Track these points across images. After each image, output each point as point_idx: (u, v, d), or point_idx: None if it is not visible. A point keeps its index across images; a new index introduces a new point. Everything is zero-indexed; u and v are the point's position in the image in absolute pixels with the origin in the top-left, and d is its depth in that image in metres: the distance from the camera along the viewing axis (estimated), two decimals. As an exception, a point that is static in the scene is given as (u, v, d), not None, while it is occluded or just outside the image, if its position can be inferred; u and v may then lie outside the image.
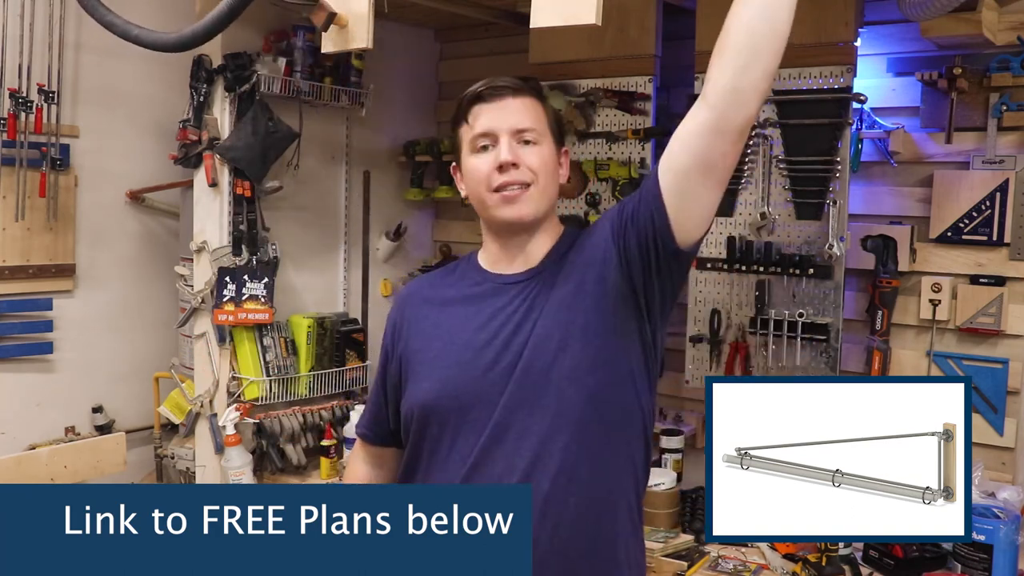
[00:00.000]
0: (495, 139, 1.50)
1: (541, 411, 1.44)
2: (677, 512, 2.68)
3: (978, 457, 2.53)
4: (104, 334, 3.43)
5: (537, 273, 1.54)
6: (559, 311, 1.48)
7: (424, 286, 1.68)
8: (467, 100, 1.55)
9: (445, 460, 1.50)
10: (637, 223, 1.44)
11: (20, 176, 3.12)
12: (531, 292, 1.52)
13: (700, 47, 2.78)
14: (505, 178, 1.49)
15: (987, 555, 2.18)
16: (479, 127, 1.52)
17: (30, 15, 3.12)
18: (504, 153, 1.48)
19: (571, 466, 1.44)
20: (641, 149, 2.94)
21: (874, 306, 2.67)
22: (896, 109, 2.71)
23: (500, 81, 1.54)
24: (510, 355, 1.47)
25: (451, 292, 1.61)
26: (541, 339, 1.46)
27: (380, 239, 3.57)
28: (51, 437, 3.26)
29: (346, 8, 2.22)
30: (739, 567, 2.39)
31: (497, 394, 1.46)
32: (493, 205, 1.51)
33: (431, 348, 1.56)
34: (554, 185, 1.56)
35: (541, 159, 1.51)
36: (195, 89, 2.92)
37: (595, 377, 1.45)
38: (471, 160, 1.53)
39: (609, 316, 1.46)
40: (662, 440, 2.89)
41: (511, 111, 1.52)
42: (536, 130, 1.52)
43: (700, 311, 2.86)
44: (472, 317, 1.54)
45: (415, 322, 1.61)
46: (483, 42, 3.61)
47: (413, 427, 1.55)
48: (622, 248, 1.46)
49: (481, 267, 1.61)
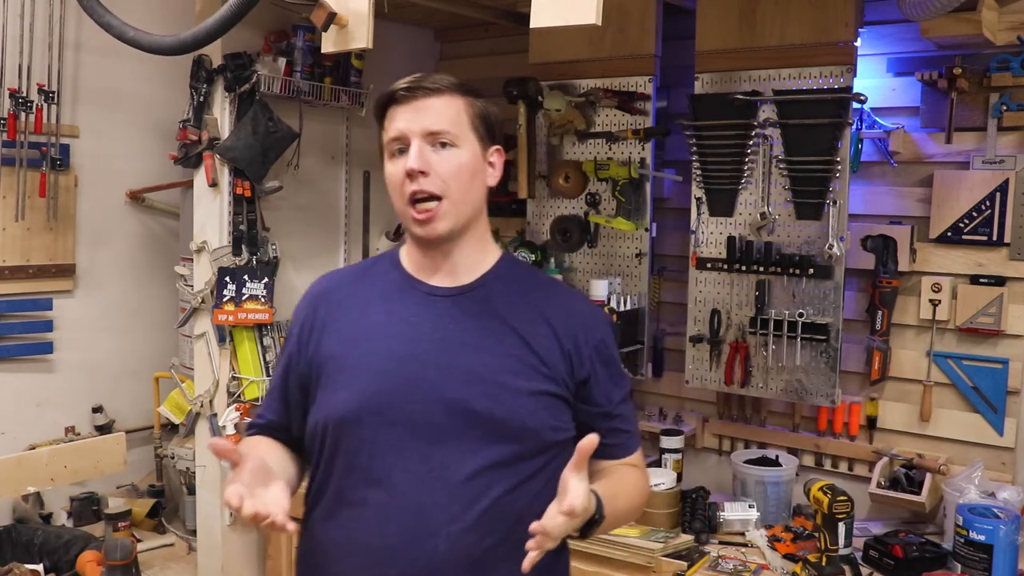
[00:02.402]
0: (407, 143, 1.41)
1: (469, 438, 1.38)
2: (677, 512, 2.67)
3: (978, 457, 2.53)
4: (104, 334, 3.43)
5: (469, 290, 1.46)
6: (498, 348, 1.42)
7: (339, 284, 1.55)
8: (382, 101, 1.45)
9: (361, 481, 1.40)
10: (580, 398, 1.47)
11: (20, 176, 3.12)
12: (462, 311, 1.44)
13: (700, 47, 2.78)
14: (415, 187, 1.39)
15: (987, 555, 2.18)
16: (392, 130, 1.42)
17: (30, 15, 3.12)
18: (412, 160, 1.38)
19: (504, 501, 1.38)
20: (641, 149, 2.94)
21: (874, 306, 2.67)
22: (896, 109, 2.70)
23: (417, 80, 1.44)
24: (438, 375, 1.38)
25: (370, 294, 1.50)
26: (475, 371, 1.39)
27: (380, 239, 3.56)
28: (51, 437, 3.26)
29: (346, 8, 2.22)
30: (739, 567, 2.39)
31: (423, 415, 1.37)
32: (408, 220, 1.43)
33: (349, 355, 1.44)
34: (475, 190, 1.45)
35: (456, 165, 1.41)
36: (195, 89, 2.92)
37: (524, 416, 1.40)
38: (387, 166, 1.44)
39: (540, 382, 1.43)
40: (662, 440, 2.89)
41: (425, 112, 1.41)
42: (452, 132, 1.41)
43: (700, 311, 2.86)
44: (395, 325, 1.44)
45: (330, 324, 1.48)
46: (483, 42, 3.61)
47: (327, 440, 1.43)
48: (572, 386, 1.46)
49: (404, 269, 1.51)
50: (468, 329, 1.43)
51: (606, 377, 1.50)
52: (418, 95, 1.42)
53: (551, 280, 1.61)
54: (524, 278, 1.53)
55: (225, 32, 2.40)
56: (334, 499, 1.43)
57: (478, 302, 1.46)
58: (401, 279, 1.49)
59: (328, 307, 1.50)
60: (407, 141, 1.40)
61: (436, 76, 1.45)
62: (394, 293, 1.48)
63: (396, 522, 1.36)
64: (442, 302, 1.45)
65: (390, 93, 1.44)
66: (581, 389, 1.47)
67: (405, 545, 1.35)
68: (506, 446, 1.39)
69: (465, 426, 1.38)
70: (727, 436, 3.04)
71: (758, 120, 2.68)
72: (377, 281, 1.51)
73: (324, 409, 1.44)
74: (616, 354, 1.55)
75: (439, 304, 1.45)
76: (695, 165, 2.81)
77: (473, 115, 1.45)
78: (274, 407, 1.55)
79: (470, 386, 1.39)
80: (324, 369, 1.45)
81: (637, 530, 2.58)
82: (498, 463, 1.38)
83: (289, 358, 1.52)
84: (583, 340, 1.47)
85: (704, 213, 2.82)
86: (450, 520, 1.35)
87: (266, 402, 1.59)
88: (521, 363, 1.42)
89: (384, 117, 1.45)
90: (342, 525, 1.42)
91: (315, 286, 1.58)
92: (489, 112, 1.48)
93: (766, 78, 2.68)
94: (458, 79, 1.47)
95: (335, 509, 1.43)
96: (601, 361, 1.49)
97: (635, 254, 2.98)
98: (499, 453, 1.38)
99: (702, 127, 2.76)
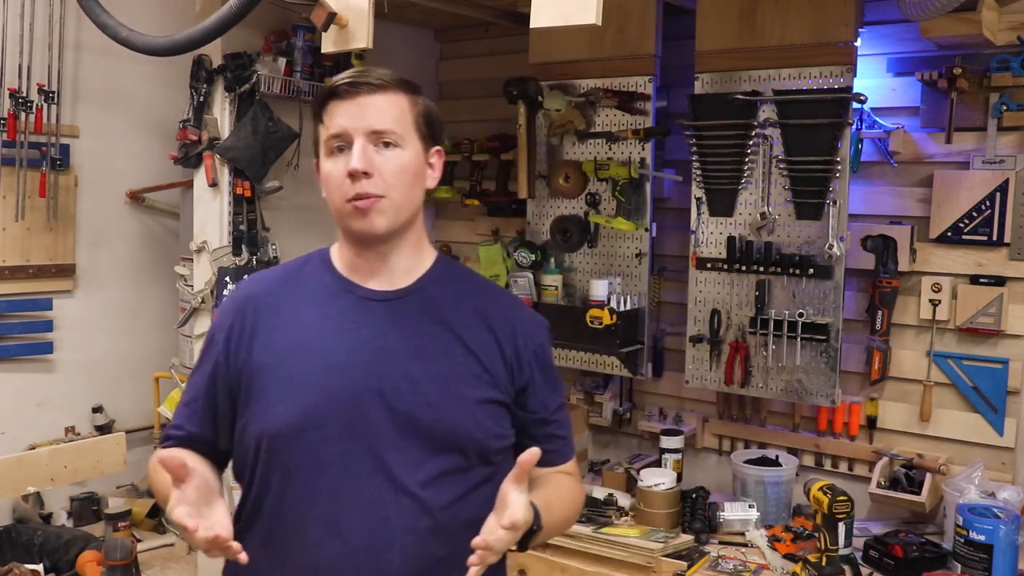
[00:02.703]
0: (349, 141, 1.33)
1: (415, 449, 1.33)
2: (677, 512, 2.68)
3: (978, 457, 2.53)
4: (104, 334, 3.43)
5: (407, 294, 1.41)
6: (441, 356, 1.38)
7: (268, 288, 1.45)
8: (322, 95, 1.37)
9: (305, 497, 1.33)
10: (519, 404, 1.45)
11: (20, 176, 3.12)
12: (401, 316, 1.39)
13: (700, 47, 2.78)
14: (357, 189, 1.32)
15: (987, 555, 2.19)
16: (333, 127, 1.34)
17: (30, 15, 3.12)
18: (355, 160, 1.32)
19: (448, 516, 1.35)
20: (641, 149, 2.93)
21: (874, 306, 2.67)
22: (896, 109, 2.71)
23: (361, 75, 1.36)
24: (380, 385, 1.32)
25: (302, 298, 1.41)
26: (419, 380, 1.35)
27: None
28: (51, 437, 3.26)
29: (346, 8, 2.22)
30: (739, 567, 2.39)
31: (368, 427, 1.31)
32: (347, 216, 1.36)
33: (283, 365, 1.35)
34: (416, 192, 1.39)
35: (400, 166, 1.35)
36: (195, 89, 2.92)
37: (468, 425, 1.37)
38: (325, 164, 1.37)
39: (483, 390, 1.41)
40: (662, 440, 2.89)
41: (368, 110, 1.34)
42: (396, 132, 1.35)
43: (700, 311, 2.86)
44: (332, 333, 1.36)
45: (260, 331, 1.39)
46: (483, 42, 3.61)
47: (261, 455, 1.35)
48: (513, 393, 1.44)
49: (336, 271, 1.43)
50: (409, 336, 1.38)
51: (543, 383, 1.47)
52: (361, 91, 1.34)
53: (488, 283, 1.57)
54: (462, 280, 1.49)
55: (220, 35, 2.41)
56: (273, 518, 1.36)
57: (417, 307, 1.41)
58: (334, 282, 1.42)
59: (257, 313, 1.41)
60: (349, 139, 1.34)
61: (380, 71, 1.37)
62: (328, 297, 1.40)
63: (347, 539, 1.31)
64: (380, 307, 1.39)
65: (331, 87, 1.36)
66: (520, 395, 1.44)
67: (358, 563, 1.31)
68: (453, 456, 1.35)
69: (411, 437, 1.33)
70: (727, 436, 3.04)
71: (758, 120, 2.68)
72: (309, 284, 1.43)
73: (259, 423, 1.35)
74: (552, 360, 1.53)
75: (377, 309, 1.39)
76: (695, 165, 2.81)
77: (417, 114, 1.39)
78: (196, 418, 1.44)
79: (414, 396, 1.34)
80: (255, 380, 1.36)
81: (637, 530, 2.58)
82: (445, 473, 1.35)
83: (215, 366, 1.41)
84: (523, 346, 1.44)
85: (704, 213, 2.82)
86: (403, 533, 1.31)
87: (184, 413, 1.45)
88: (465, 371, 1.39)
89: (323, 112, 1.37)
90: (285, 544, 1.35)
91: (241, 290, 1.48)
92: (432, 111, 1.42)
93: (766, 78, 2.68)
94: (400, 75, 1.40)
95: (275, 528, 1.36)
96: (539, 367, 1.47)
97: (635, 254, 2.98)
98: (446, 463, 1.35)
99: (702, 127, 2.76)
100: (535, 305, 3.09)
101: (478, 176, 3.46)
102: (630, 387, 3.25)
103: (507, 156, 3.31)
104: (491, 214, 3.49)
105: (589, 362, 3.10)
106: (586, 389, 3.30)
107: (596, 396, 3.25)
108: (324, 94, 1.37)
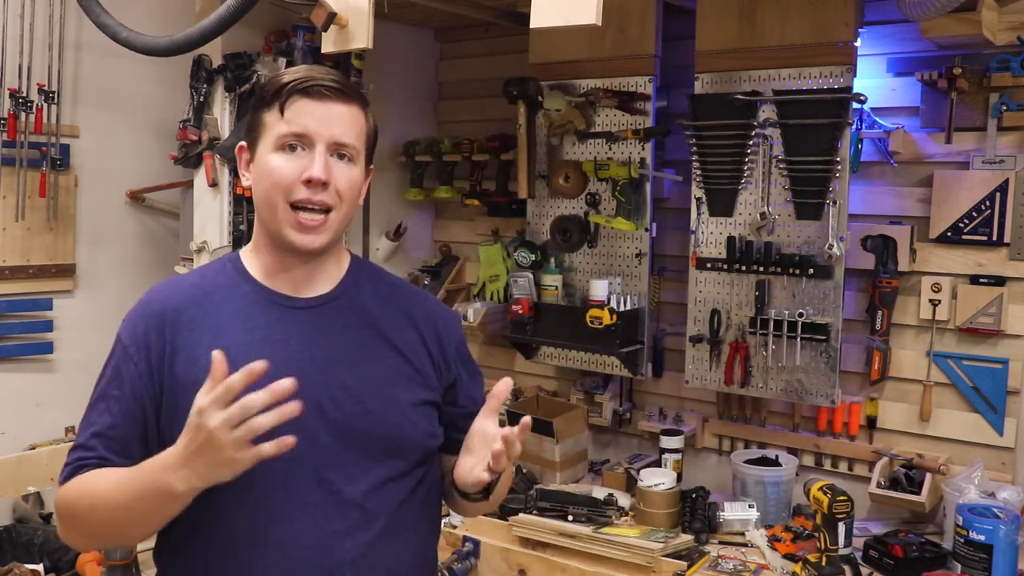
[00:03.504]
0: (309, 144, 1.29)
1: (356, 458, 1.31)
2: (677, 512, 2.68)
3: (978, 457, 2.53)
4: (104, 334, 3.38)
5: (332, 299, 1.38)
6: (374, 361, 1.36)
7: (183, 301, 1.35)
8: (288, 88, 1.30)
9: (246, 519, 1.27)
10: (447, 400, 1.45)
11: (20, 176, 3.12)
12: (328, 323, 1.35)
13: (700, 47, 2.78)
14: (309, 195, 1.28)
15: (987, 555, 2.19)
16: (296, 125, 1.29)
17: (30, 15, 3.12)
18: (317, 169, 1.27)
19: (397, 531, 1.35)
20: (641, 149, 2.93)
21: (874, 306, 2.67)
22: (896, 109, 2.70)
23: (329, 78, 1.31)
24: (316, 395, 1.26)
25: (223, 312, 1.33)
26: (354, 388, 1.32)
27: (380, 239, 3.57)
28: (51, 437, 3.26)
29: (346, 8, 2.22)
30: (739, 567, 2.39)
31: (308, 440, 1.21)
32: (285, 223, 1.30)
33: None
34: (354, 210, 1.36)
35: (351, 183, 1.32)
36: (195, 89, 2.92)
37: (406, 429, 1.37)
38: (272, 157, 1.30)
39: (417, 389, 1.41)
40: (662, 440, 2.89)
41: (337, 118, 1.30)
42: (355, 147, 1.32)
43: (700, 311, 2.86)
44: (260, 346, 1.27)
45: (181, 348, 1.30)
46: (483, 42, 3.61)
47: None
48: (441, 390, 1.45)
49: (253, 278, 1.37)
50: (338, 343, 1.35)
51: (468, 377, 1.49)
52: (332, 97, 1.30)
53: (399, 279, 1.56)
54: (378, 280, 1.47)
55: (218, 35, 2.41)
56: (212, 541, 1.28)
57: (343, 311, 1.38)
58: (254, 292, 1.35)
59: (176, 328, 1.31)
60: (310, 143, 1.29)
61: (342, 78, 1.34)
62: (250, 308, 1.34)
63: (294, 558, 1.27)
64: (305, 315, 1.35)
65: (302, 84, 1.30)
66: (448, 392, 1.45)
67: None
68: (393, 462, 1.35)
69: (351, 447, 1.31)
70: (727, 436, 3.04)
71: (758, 120, 2.68)
72: (228, 296, 1.35)
73: None
74: (470, 352, 1.54)
75: (302, 317, 1.34)
76: (695, 165, 2.81)
77: (368, 131, 1.37)
78: (118, 447, 1.29)
79: (352, 404, 1.31)
80: (180, 399, 1.24)
81: (637, 530, 2.58)
82: (388, 479, 1.34)
83: (136, 379, 1.30)
84: (447, 343, 1.45)
85: (704, 213, 2.82)
86: (352, 546, 1.29)
87: (102, 443, 1.30)
88: (398, 374, 1.38)
89: (287, 104, 1.30)
90: (227, 569, 1.28)
91: (153, 303, 1.37)
92: (376, 130, 1.40)
93: (766, 78, 2.68)
94: (361, 92, 1.38)
95: (214, 552, 1.29)
96: (462, 362, 1.48)
97: (635, 254, 2.98)
98: (388, 470, 1.34)
99: (702, 127, 2.76)
100: (535, 305, 3.09)
101: (478, 176, 3.47)
102: (630, 387, 3.25)
103: (507, 156, 3.31)
104: (491, 214, 3.49)
105: (589, 362, 3.10)
106: (586, 389, 3.30)
107: (596, 396, 3.26)
108: (292, 87, 1.30)
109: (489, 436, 1.27)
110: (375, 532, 1.32)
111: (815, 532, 2.36)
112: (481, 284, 3.55)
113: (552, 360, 3.19)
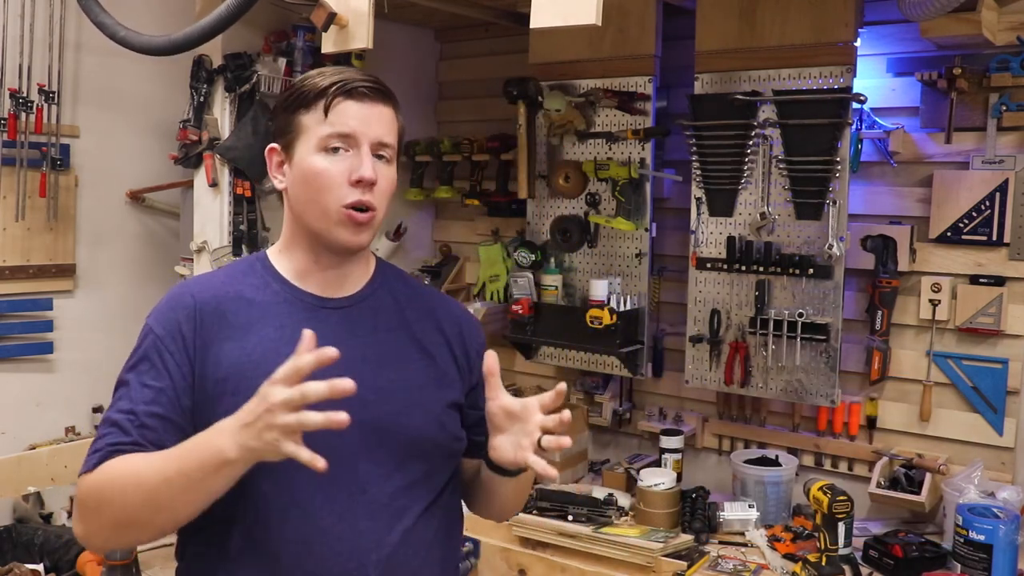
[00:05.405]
0: (355, 145, 1.30)
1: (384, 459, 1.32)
2: (677, 512, 2.68)
3: (978, 457, 2.54)
4: (104, 334, 3.43)
5: (361, 300, 1.39)
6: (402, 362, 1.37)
7: (216, 296, 1.34)
8: (333, 90, 1.30)
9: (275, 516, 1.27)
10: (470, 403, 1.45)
11: (20, 176, 3.12)
12: (357, 323, 1.36)
13: (700, 47, 2.78)
14: (362, 197, 1.30)
15: (987, 555, 2.19)
16: (341, 126, 1.29)
17: (30, 15, 3.12)
18: (367, 169, 1.29)
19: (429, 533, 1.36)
20: (641, 149, 2.93)
21: (874, 306, 2.67)
22: (896, 109, 2.71)
23: (367, 79, 1.32)
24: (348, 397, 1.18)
25: (254, 309, 1.33)
26: (383, 388, 1.32)
27: (380, 239, 3.56)
28: (51, 437, 3.26)
29: (346, 8, 2.22)
30: (739, 567, 2.39)
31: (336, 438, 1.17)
32: (338, 223, 1.31)
33: (243, 381, 1.24)
34: (388, 210, 1.38)
35: (391, 183, 1.35)
36: (195, 89, 2.92)
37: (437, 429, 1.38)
38: (317, 159, 1.30)
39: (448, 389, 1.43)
40: (662, 440, 2.89)
41: (379, 119, 1.32)
42: (393, 148, 1.35)
43: (700, 311, 2.86)
44: (290, 345, 1.17)
45: (214, 343, 1.30)
46: (483, 42, 3.61)
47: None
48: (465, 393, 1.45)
49: (283, 277, 1.37)
50: (368, 343, 1.35)
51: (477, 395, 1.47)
52: (375, 98, 1.32)
53: (419, 281, 1.55)
54: (403, 281, 1.48)
55: (217, 34, 2.41)
56: (243, 537, 1.29)
57: (372, 312, 1.38)
58: (284, 291, 1.36)
59: (209, 323, 1.31)
60: (355, 143, 1.30)
61: (380, 80, 1.35)
62: (280, 307, 1.34)
63: (321, 555, 1.28)
64: (335, 315, 1.35)
65: (346, 84, 1.31)
66: (471, 394, 1.45)
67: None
68: (420, 463, 1.35)
69: (381, 448, 1.31)
70: (727, 436, 3.04)
71: (758, 120, 2.68)
72: (258, 294, 1.35)
73: None
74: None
75: (332, 318, 1.35)
76: (695, 165, 2.81)
77: (400, 131, 1.39)
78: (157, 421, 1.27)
79: (383, 406, 1.32)
80: (212, 395, 1.27)
81: (637, 530, 2.59)
82: (414, 481, 1.34)
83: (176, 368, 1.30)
84: (470, 345, 1.46)
85: (704, 213, 2.83)
86: (378, 545, 1.30)
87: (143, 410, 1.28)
88: (427, 376, 1.39)
89: (331, 106, 1.30)
90: (256, 564, 1.29)
91: (185, 296, 1.35)
92: (404, 130, 1.41)
93: (766, 78, 2.68)
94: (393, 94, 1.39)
95: (244, 547, 1.29)
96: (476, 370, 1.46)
97: (635, 254, 2.99)
98: (414, 471, 1.34)
99: (702, 127, 2.76)
100: (535, 305, 3.09)
101: (478, 176, 3.47)
102: (630, 387, 3.25)
103: (507, 156, 3.31)
104: (491, 214, 3.49)
105: (589, 362, 3.10)
106: (586, 389, 3.30)
107: (596, 396, 3.26)
108: (337, 89, 1.30)
109: (514, 412, 1.30)
110: (400, 533, 1.32)
111: (815, 532, 2.36)
112: (481, 284, 3.55)
113: (552, 360, 3.19)
